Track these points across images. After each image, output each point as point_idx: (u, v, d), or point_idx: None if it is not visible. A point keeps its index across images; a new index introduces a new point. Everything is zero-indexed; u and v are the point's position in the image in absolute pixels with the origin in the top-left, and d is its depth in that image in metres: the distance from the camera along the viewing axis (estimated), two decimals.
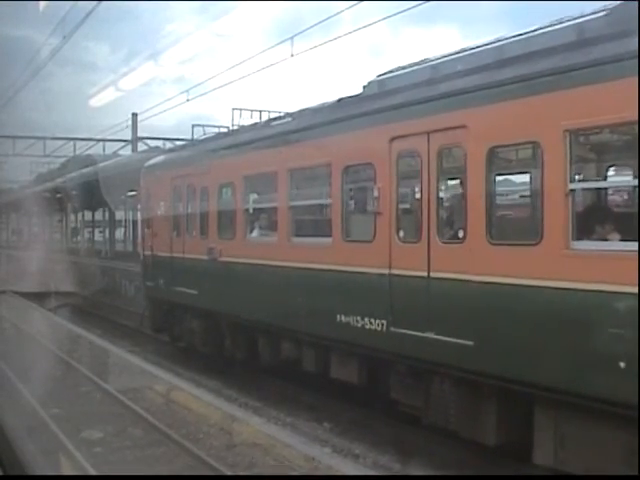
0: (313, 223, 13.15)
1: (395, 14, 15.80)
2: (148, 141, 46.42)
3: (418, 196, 10.08)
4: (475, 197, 8.99)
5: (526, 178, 9.32)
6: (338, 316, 11.30)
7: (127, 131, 45.29)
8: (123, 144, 45.81)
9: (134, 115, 45.85)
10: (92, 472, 9.65)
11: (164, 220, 17.98)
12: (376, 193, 10.47)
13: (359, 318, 10.89)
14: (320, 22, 17.09)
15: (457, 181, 9.92)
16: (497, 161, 9.06)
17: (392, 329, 10.29)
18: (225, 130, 16.40)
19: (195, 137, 42.92)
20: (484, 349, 8.88)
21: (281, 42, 17.79)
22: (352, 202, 11.58)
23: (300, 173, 12.90)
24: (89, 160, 41.46)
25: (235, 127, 41.93)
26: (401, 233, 10.25)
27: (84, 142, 45.83)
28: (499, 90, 8.70)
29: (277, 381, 15.10)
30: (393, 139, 10.25)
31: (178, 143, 42.70)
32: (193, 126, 45.80)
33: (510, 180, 9.97)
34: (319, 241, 12.11)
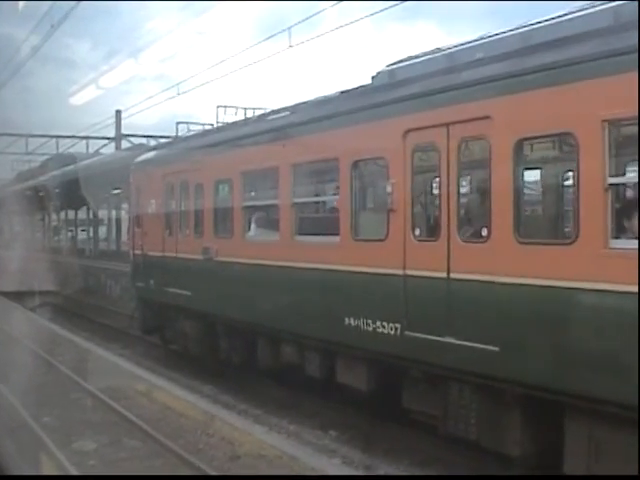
0: (318, 221, 12.52)
1: (379, 11, 15.44)
2: (132, 138, 45.89)
3: (436, 192, 9.50)
4: (501, 193, 8.41)
5: (559, 172, 8.76)
6: (346, 319, 10.70)
7: (109, 129, 44.66)
8: (106, 142, 45.21)
9: (118, 112, 45.23)
10: None
11: (155, 218, 17.29)
12: (389, 189, 9.87)
13: (370, 321, 10.30)
14: (305, 19, 16.46)
15: (480, 176, 9.34)
16: (526, 154, 8.48)
17: (407, 333, 9.70)
18: (219, 125, 15.62)
19: (180, 134, 42.54)
20: (512, 355, 8.30)
21: (272, 35, 17.05)
22: (362, 199, 10.97)
23: (304, 168, 12.28)
24: (70, 158, 40.81)
25: (220, 124, 41.45)
26: (417, 231, 9.66)
27: (67, 140, 45.12)
28: (529, 78, 8.11)
29: (276, 386, 14.47)
30: (408, 132, 9.65)
31: (162, 140, 42.15)
32: (177, 123, 45.40)
33: (541, 174, 9.36)
34: (325, 240, 11.50)
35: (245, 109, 49.68)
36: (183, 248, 15.87)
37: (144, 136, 44.20)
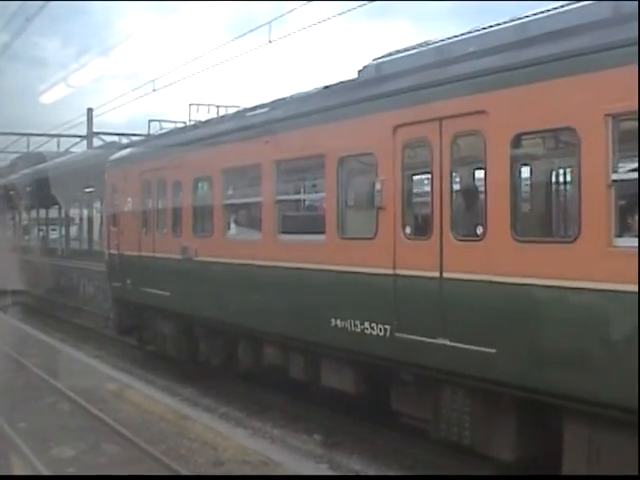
0: (303, 219, 12.23)
1: (349, 10, 15.32)
2: (104, 137, 45.33)
3: (428, 189, 9.21)
4: (497, 189, 8.13)
5: (558, 168, 8.51)
6: (333, 320, 10.39)
7: (80, 127, 44.08)
8: (78, 140, 44.63)
9: (89, 110, 44.66)
10: None
11: (132, 217, 16.89)
12: (378, 186, 9.57)
13: (358, 323, 10.00)
14: (277, 18, 16.20)
15: (474, 172, 9.08)
16: (523, 149, 8.22)
17: (397, 335, 9.41)
18: (198, 121, 15.21)
19: (152, 132, 41.91)
20: (509, 357, 8.04)
21: (252, 30, 16.70)
22: (349, 196, 10.66)
23: (288, 165, 11.95)
24: (39, 157, 40.23)
25: (192, 122, 40.90)
26: (407, 229, 9.36)
27: (38, 138, 44.56)
28: (527, 71, 7.83)
29: (257, 389, 14.14)
30: (398, 127, 9.35)
31: (134, 138, 41.63)
32: (150, 121, 44.91)
33: (538, 170, 9.08)
34: (310, 238, 11.17)
35: (218, 107, 49.20)
36: (161, 247, 15.48)
37: (116, 134, 43.71)
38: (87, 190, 36.75)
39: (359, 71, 10.91)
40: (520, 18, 8.74)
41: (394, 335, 9.45)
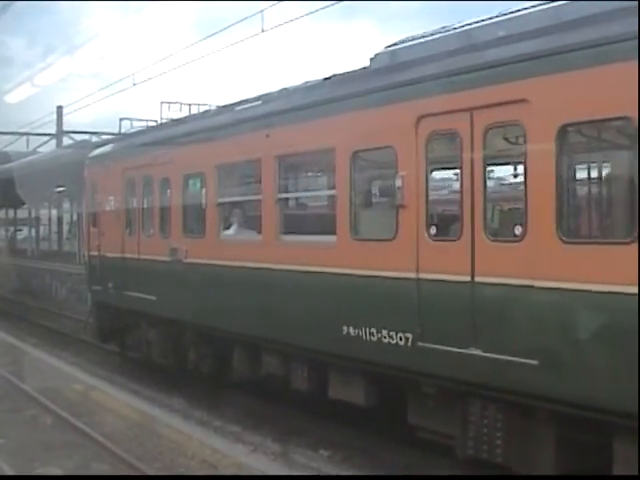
0: (309, 219, 11.41)
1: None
2: (74, 135, 44.39)
3: (457, 185, 8.45)
4: (540, 186, 7.38)
5: (615, 161, 7.77)
6: (344, 328, 9.60)
7: (47, 127, 43.13)
8: (47, 139, 43.66)
9: (59, 108, 43.70)
10: None
11: (114, 217, 15.94)
12: (399, 182, 8.78)
13: (374, 331, 9.21)
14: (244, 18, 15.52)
15: (513, 166, 8.33)
16: (571, 142, 7.47)
17: (420, 344, 8.64)
18: (188, 115, 14.28)
19: (124, 131, 41.01)
20: (555, 370, 7.30)
21: (244, 18, 15.85)
22: (363, 193, 9.88)
23: (292, 160, 11.12)
24: (5, 157, 39.24)
25: (165, 120, 39.96)
26: (433, 229, 8.59)
27: (4, 137, 43.47)
28: (577, 55, 7.10)
29: (251, 400, 13.29)
30: (421, 118, 8.57)
31: (104, 137, 40.67)
32: (121, 120, 44.12)
33: (587, 164, 8.32)
34: (318, 240, 10.37)
35: (190, 105, 48.30)
36: (146, 249, 14.58)
37: (87, 132, 42.84)
38: (58, 190, 35.77)
39: (371, 59, 10.12)
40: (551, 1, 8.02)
41: (416, 344, 8.68)
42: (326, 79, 11.31)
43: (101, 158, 17.09)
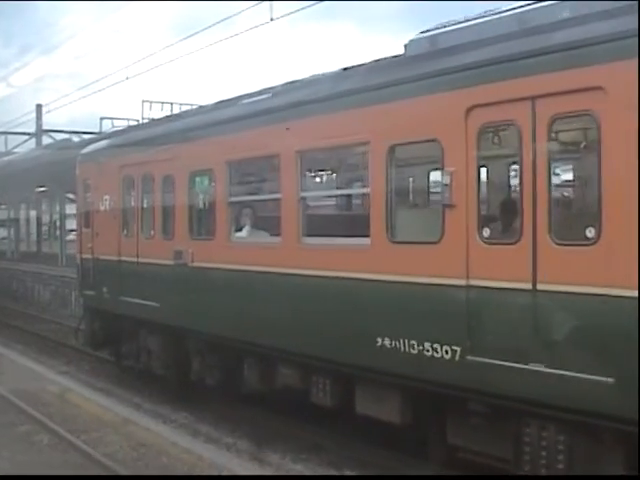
0: (336, 220, 10.54)
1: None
2: (53, 134, 43.47)
3: (516, 182, 7.61)
4: (617, 183, 6.58)
5: None
6: (379, 340, 8.74)
7: (24, 126, 42.18)
8: (26, 138, 42.71)
9: (38, 107, 42.78)
10: None
11: (109, 217, 14.95)
12: (446, 179, 7.93)
13: (414, 343, 8.36)
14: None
15: (584, 162, 7.50)
16: None
17: (470, 358, 7.80)
18: (195, 108, 13.26)
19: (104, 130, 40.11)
20: (634, 389, 6.47)
21: (250, 7, 14.97)
22: (402, 191, 9.02)
23: (316, 156, 10.27)
24: None
25: (147, 119, 39.04)
26: (486, 231, 7.75)
27: None
28: None
29: (265, 414, 12.34)
30: (472, 108, 7.74)
31: (85, 136, 39.71)
32: (101, 119, 43.27)
33: None
34: (347, 242, 9.51)
35: (172, 104, 47.42)
36: (146, 252, 13.62)
37: (67, 132, 41.86)
38: (39, 189, 34.79)
39: (405, 45, 9.28)
40: None
41: (465, 358, 7.84)
42: (345, 69, 10.48)
43: (95, 155, 16.09)
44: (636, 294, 6.39)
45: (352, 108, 9.25)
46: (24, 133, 41.72)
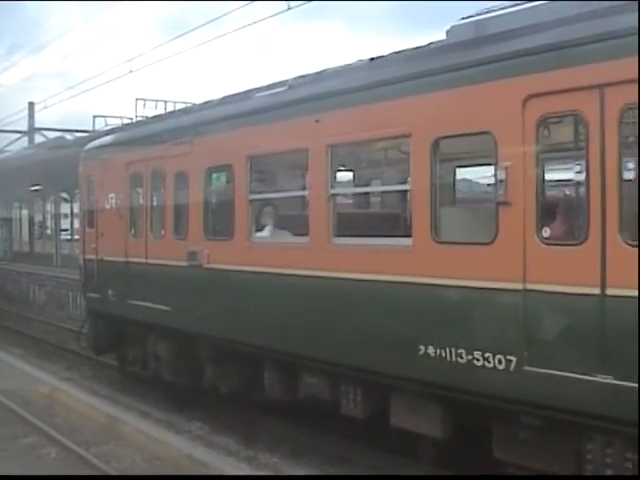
0: (371, 218, 9.88)
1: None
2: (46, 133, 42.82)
3: (582, 177, 6.98)
4: None
5: None
6: (422, 348, 8.11)
7: (14, 125, 41.49)
8: (18, 136, 42.03)
9: (31, 105, 42.08)
10: None
11: (116, 216, 14.24)
12: (502, 175, 7.30)
13: (462, 352, 7.73)
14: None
15: None
16: None
17: (527, 369, 7.18)
18: (212, 100, 12.48)
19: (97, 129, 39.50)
20: None
21: None
22: (448, 188, 8.40)
23: (349, 150, 9.62)
24: None
25: (139, 118, 38.37)
26: (546, 231, 7.12)
27: None
28: None
29: (286, 425, 11.65)
30: (530, 97, 7.11)
31: (79, 134, 39.02)
32: (94, 117, 42.62)
33: None
34: (385, 243, 8.86)
35: (166, 102, 46.66)
36: (157, 252, 12.93)
37: (60, 130, 41.16)
38: (33, 188, 34.06)
39: (447, 31, 8.64)
40: None
41: (522, 369, 7.22)
42: (372, 59, 9.83)
43: (100, 151, 15.36)
44: None
45: (390, 99, 8.60)
46: (16, 131, 40.96)
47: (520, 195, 7.19)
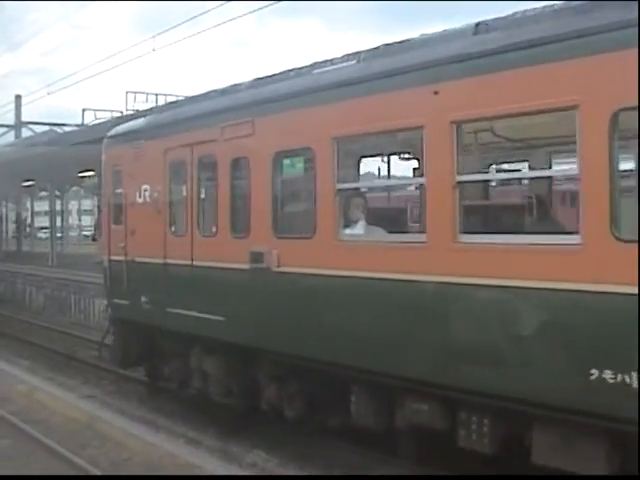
0: (514, 211, 8.11)
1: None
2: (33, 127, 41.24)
3: None
4: None
5: None
6: (594, 372, 6.41)
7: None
8: (5, 130, 40.35)
9: (18, 97, 40.41)
10: None
11: (150, 211, 12.33)
12: None
13: None
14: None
15: None
16: None
17: None
18: (284, 71, 10.44)
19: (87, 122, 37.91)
20: None
21: None
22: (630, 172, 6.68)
23: (480, 126, 7.84)
24: None
25: (130, 111, 36.63)
26: None
27: None
28: None
29: (353, 450, 9.93)
30: None
31: (67, 128, 37.25)
32: (83, 110, 41.05)
33: None
34: (538, 241, 7.08)
35: (157, 95, 45.04)
36: (206, 253, 11.08)
37: (49, 124, 39.40)
38: (25, 184, 32.22)
39: None
40: None
41: None
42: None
43: (129, 137, 13.45)
44: None
45: (545, 62, 6.82)
46: (3, 125, 39.20)
47: None
